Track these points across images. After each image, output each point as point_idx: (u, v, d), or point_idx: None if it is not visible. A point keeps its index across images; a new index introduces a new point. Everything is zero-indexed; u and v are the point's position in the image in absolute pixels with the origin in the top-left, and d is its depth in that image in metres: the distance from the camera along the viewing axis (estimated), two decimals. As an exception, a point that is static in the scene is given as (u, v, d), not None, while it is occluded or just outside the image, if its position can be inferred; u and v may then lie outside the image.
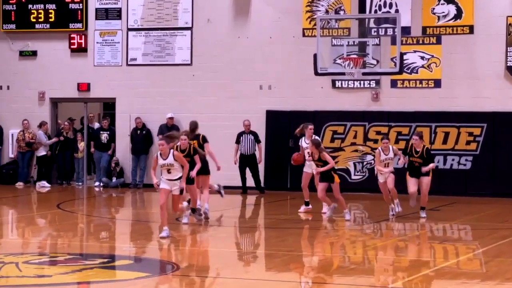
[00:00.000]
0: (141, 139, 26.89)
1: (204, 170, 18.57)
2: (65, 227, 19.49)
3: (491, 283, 12.66)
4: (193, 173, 17.69)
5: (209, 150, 19.20)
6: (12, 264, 13.69)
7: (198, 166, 17.94)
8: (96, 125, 29.04)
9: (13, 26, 28.18)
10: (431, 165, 19.32)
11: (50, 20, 27.84)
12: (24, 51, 28.26)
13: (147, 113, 26.98)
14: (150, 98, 27.02)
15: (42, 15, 27.89)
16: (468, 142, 25.24)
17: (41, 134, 27.62)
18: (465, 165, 25.31)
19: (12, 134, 28.05)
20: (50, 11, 27.81)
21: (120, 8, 27.39)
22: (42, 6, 27.82)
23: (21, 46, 28.28)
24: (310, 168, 20.21)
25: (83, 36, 27.64)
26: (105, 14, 27.52)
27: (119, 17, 27.42)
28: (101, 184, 27.31)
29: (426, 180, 19.40)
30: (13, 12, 28.07)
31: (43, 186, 27.05)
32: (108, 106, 28.57)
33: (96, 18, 27.59)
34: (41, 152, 27.72)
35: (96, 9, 27.58)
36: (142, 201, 25.17)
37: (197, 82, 26.79)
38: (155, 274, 13.38)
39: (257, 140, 25.69)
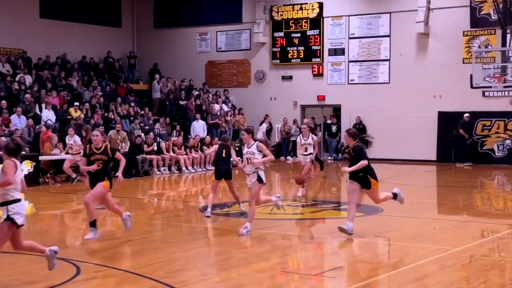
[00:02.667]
0: (359, 131, 26.79)
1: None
2: (312, 185, 19.91)
3: None
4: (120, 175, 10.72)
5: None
6: (280, 206, 14.20)
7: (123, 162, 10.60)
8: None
9: (277, 61, 28.88)
10: (350, 168, 10.74)
11: (300, 56, 28.33)
12: (284, 76, 28.89)
13: (361, 114, 27.00)
14: (364, 104, 27.00)
15: (295, 54, 28.42)
16: None
17: (294, 127, 28.18)
18: None
19: (277, 127, 28.78)
20: (300, 51, 28.31)
21: (344, 48, 27.52)
22: (295, 48, 28.36)
23: (282, 73, 28.91)
24: (304, 159, 15.57)
25: (320, 66, 27.97)
26: (334, 52, 27.73)
27: (343, 53, 27.55)
28: (332, 158, 27.57)
29: (352, 187, 10.85)
30: (278, 52, 28.78)
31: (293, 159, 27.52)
32: (336, 109, 28.75)
33: (329, 55, 27.82)
34: (294, 138, 28.25)
35: (329, 49, 27.82)
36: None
37: (393, 94, 26.54)
38: (368, 214, 13.50)
39: (313, 134, 19.69)
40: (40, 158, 18.84)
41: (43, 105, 22.85)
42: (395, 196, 11.39)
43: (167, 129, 25.22)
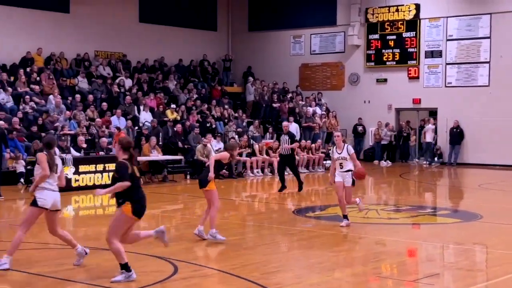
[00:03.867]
0: (456, 135, 26.33)
1: None
2: (401, 188, 19.57)
3: None
4: None
5: None
6: (374, 210, 14.09)
7: None
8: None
9: (372, 63, 28.60)
10: (104, 190, 8.10)
11: (396, 59, 27.94)
12: (379, 78, 28.57)
13: (459, 117, 26.37)
14: (461, 107, 26.36)
15: (390, 56, 28.07)
16: None
17: (385, 131, 27.78)
18: None
19: (371, 130, 28.47)
20: (395, 53, 27.93)
21: (441, 50, 26.95)
22: (390, 50, 27.99)
23: (377, 75, 28.61)
24: (341, 177, 11.85)
25: (416, 69, 27.49)
26: (431, 54, 27.19)
27: (440, 56, 26.97)
28: (427, 162, 27.05)
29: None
30: (372, 55, 28.49)
31: (386, 163, 27.21)
32: (432, 113, 28.19)
33: (425, 57, 27.31)
34: (385, 142, 27.91)
35: (425, 51, 27.31)
36: (456, 174, 24.60)
37: (493, 97, 25.79)
38: (466, 221, 13.19)
39: (292, 140, 17.74)
40: (139, 158, 19.44)
41: (141, 107, 23.57)
42: (160, 233, 8.35)
43: (260, 131, 25.47)
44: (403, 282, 8.25)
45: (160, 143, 21.47)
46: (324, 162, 24.67)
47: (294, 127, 25.78)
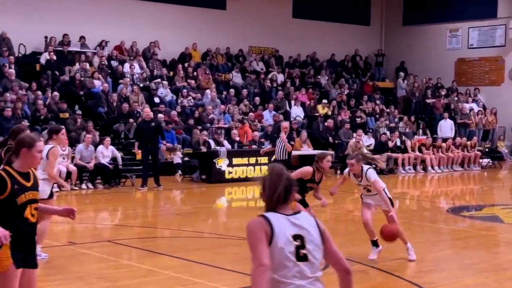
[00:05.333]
0: None
1: None
2: None
3: None
4: None
5: None
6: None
7: None
8: None
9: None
10: None
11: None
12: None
13: None
14: None
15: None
16: None
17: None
18: None
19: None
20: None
21: None
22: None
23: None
24: (372, 200, 8.76)
25: None
26: None
27: None
28: None
29: None
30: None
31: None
32: None
33: None
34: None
35: None
36: None
37: None
38: None
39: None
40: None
41: (293, 102, 23.84)
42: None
43: (411, 127, 24.91)
44: None
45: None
46: (481, 160, 23.71)
47: (449, 124, 24.99)
